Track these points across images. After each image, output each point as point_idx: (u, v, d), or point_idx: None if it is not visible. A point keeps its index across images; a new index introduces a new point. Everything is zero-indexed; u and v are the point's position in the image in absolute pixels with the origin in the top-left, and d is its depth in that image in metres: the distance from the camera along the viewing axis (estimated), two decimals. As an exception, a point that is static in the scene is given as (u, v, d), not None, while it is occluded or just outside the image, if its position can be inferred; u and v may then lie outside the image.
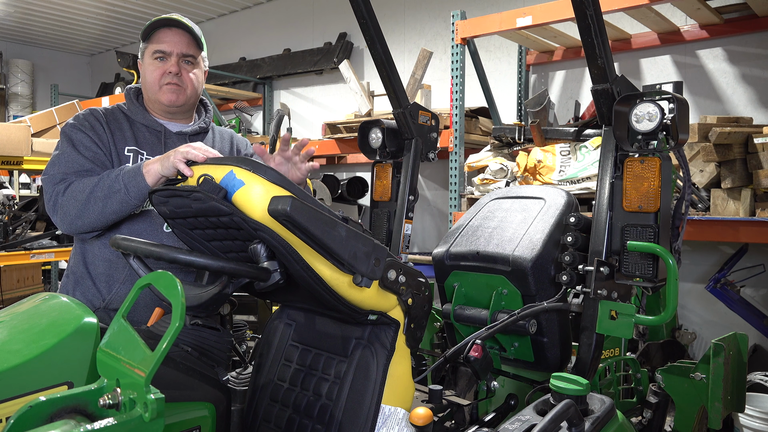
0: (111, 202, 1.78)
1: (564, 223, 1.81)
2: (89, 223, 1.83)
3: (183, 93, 2.00)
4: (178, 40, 1.97)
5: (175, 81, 1.98)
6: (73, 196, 1.82)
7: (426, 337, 2.36)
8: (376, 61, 2.10)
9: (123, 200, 1.78)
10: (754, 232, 2.74)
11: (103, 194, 1.79)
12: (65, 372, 1.26)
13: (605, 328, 1.65)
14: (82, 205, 1.80)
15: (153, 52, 1.97)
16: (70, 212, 1.83)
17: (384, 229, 2.29)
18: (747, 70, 3.54)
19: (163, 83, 1.97)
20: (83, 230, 1.87)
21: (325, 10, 5.82)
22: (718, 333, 2.15)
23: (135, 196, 1.77)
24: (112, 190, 1.78)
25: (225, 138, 2.20)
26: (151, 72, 1.98)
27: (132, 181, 1.75)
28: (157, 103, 2.01)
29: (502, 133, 3.59)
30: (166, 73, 1.97)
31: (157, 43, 1.97)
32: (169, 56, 1.97)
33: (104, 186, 1.79)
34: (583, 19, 1.60)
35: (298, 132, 5.86)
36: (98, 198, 1.79)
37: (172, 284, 1.04)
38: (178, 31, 1.98)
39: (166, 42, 1.96)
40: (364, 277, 1.39)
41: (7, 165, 4.37)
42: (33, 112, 7.48)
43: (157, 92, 1.98)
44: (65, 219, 1.85)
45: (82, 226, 1.84)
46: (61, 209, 1.84)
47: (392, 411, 1.52)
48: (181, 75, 1.98)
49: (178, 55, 1.98)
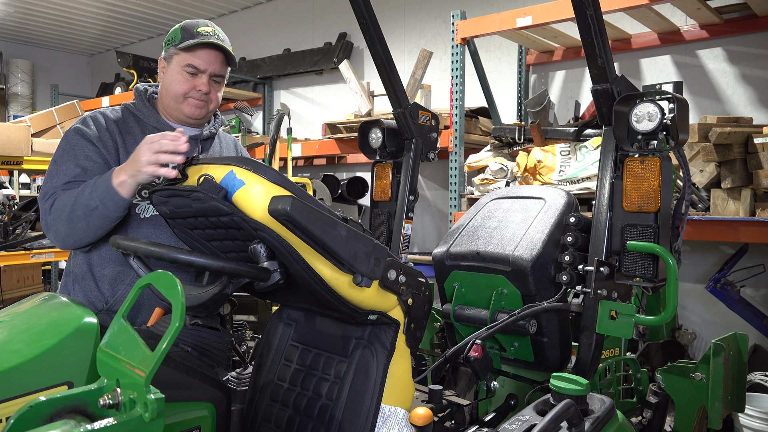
0: (93, 219, 1.75)
1: (564, 223, 1.81)
2: (81, 239, 1.80)
3: (206, 108, 2.01)
4: (214, 59, 1.95)
5: (203, 99, 1.97)
6: (57, 216, 1.79)
7: (426, 337, 2.36)
8: (376, 61, 2.10)
9: (103, 215, 1.74)
10: (754, 232, 2.74)
11: (83, 213, 1.75)
12: (65, 372, 1.26)
13: (605, 328, 1.65)
14: (68, 224, 1.78)
15: (186, 64, 1.93)
16: (60, 231, 1.80)
17: (384, 229, 2.29)
18: (747, 70, 3.54)
19: (190, 97, 1.96)
20: (79, 246, 1.85)
21: (325, 10, 5.82)
22: (718, 333, 2.15)
23: (114, 210, 1.73)
24: (89, 208, 1.74)
25: (230, 144, 2.21)
26: (179, 83, 1.94)
27: (106, 197, 1.71)
28: (177, 111, 1.99)
29: (502, 133, 3.59)
30: (195, 89, 1.95)
31: (192, 57, 1.92)
32: (201, 73, 1.94)
33: (81, 204, 1.75)
34: (583, 19, 1.60)
35: (298, 132, 5.86)
36: (79, 217, 1.76)
37: (172, 284, 1.04)
38: (215, 51, 1.95)
39: (202, 59, 1.93)
40: (364, 277, 1.39)
41: (7, 165, 4.37)
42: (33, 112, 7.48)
43: (181, 103, 1.97)
44: (57, 238, 1.83)
45: (75, 243, 1.82)
46: (52, 228, 1.82)
47: (392, 411, 1.52)
48: (210, 93, 1.98)
49: (210, 75, 1.96)
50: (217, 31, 1.97)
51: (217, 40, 1.93)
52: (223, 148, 2.15)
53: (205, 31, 1.93)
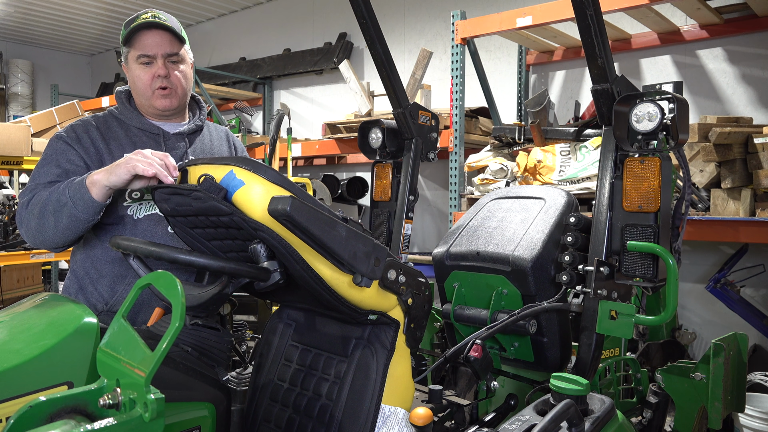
0: (61, 217, 1.72)
1: (564, 223, 1.81)
2: (48, 238, 1.78)
3: (175, 96, 1.99)
4: (160, 40, 1.94)
5: (166, 84, 1.96)
6: (31, 210, 1.78)
7: (426, 337, 2.36)
8: (376, 61, 2.10)
9: (71, 214, 1.71)
10: (754, 232, 2.74)
11: (53, 208, 1.72)
12: (65, 372, 1.26)
13: (605, 328, 1.65)
14: (38, 220, 1.75)
15: (138, 56, 1.94)
16: (30, 226, 1.78)
17: (384, 229, 2.29)
18: (747, 70, 3.54)
19: (155, 88, 1.95)
20: (46, 245, 1.82)
21: (325, 10, 5.82)
22: (718, 333, 2.15)
23: (82, 210, 1.70)
24: (60, 204, 1.71)
25: (221, 136, 2.19)
26: (139, 77, 1.95)
27: (77, 194, 1.69)
28: (151, 107, 2.00)
29: (502, 133, 3.59)
30: (155, 77, 1.94)
31: (140, 47, 1.93)
32: (154, 59, 1.94)
33: (54, 200, 1.73)
34: (583, 19, 1.60)
35: (298, 132, 5.86)
36: (50, 212, 1.73)
37: (172, 284, 1.04)
38: (158, 32, 1.94)
39: (148, 44, 1.93)
40: (364, 276, 1.39)
41: (7, 165, 4.38)
42: (33, 112, 7.48)
43: (150, 97, 1.97)
44: (28, 233, 1.81)
45: (43, 241, 1.79)
46: (24, 223, 1.81)
47: (392, 411, 1.52)
48: (170, 76, 1.97)
49: (164, 57, 1.95)
50: (158, 13, 1.96)
51: (151, 20, 1.92)
52: (213, 140, 2.14)
53: (144, 17, 1.94)
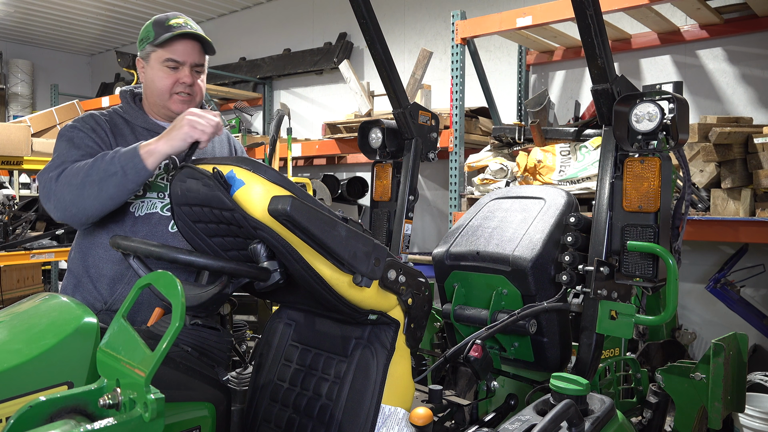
0: (106, 187, 1.70)
1: (564, 223, 1.81)
2: (85, 209, 1.74)
3: (193, 103, 2.00)
4: (191, 49, 1.95)
5: (188, 91, 1.97)
6: (67, 182, 1.74)
7: (426, 337, 2.36)
8: (376, 61, 2.10)
9: (119, 184, 1.70)
10: (754, 232, 2.74)
11: (99, 178, 1.70)
12: (65, 372, 1.26)
13: (605, 328, 1.65)
14: (77, 190, 1.72)
15: (165, 59, 1.93)
16: (64, 198, 1.74)
17: (384, 229, 2.29)
18: (747, 70, 3.54)
19: (175, 92, 1.96)
20: (79, 218, 1.78)
21: (325, 10, 5.82)
22: (718, 333, 2.15)
23: (133, 180, 1.70)
24: (107, 173, 1.69)
25: (222, 138, 2.20)
26: (161, 79, 1.94)
27: (129, 164, 1.69)
28: (164, 108, 1.99)
29: (502, 133, 3.59)
30: (178, 83, 1.95)
31: (170, 52, 1.93)
32: (182, 66, 1.94)
33: (99, 169, 1.71)
34: (583, 19, 1.60)
35: (298, 132, 5.85)
36: (93, 182, 1.71)
37: (172, 284, 1.04)
38: (191, 41, 1.95)
39: (179, 51, 1.93)
40: (364, 276, 1.39)
41: (7, 165, 4.37)
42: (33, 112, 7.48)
43: (167, 100, 1.97)
44: (59, 206, 1.76)
45: (77, 213, 1.76)
46: (54, 196, 1.75)
47: (392, 411, 1.52)
48: (194, 84, 1.98)
49: (191, 65, 1.96)
50: (189, 21, 1.97)
51: (192, 30, 1.93)
52: (215, 141, 2.15)
53: (177, 23, 1.94)
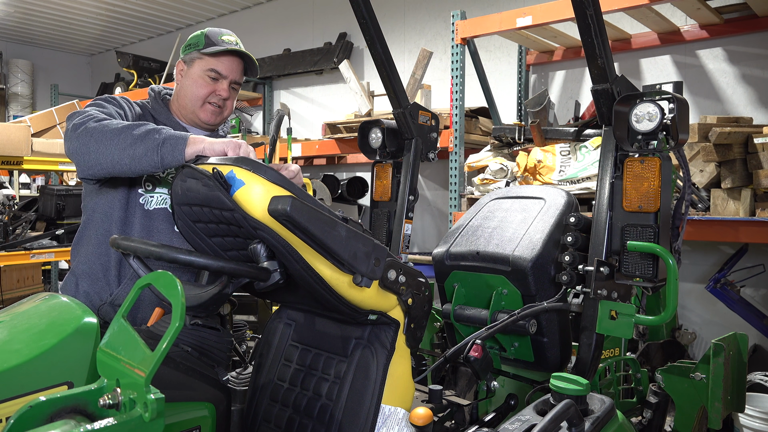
0: (138, 147, 1.63)
1: (564, 223, 1.81)
2: (100, 159, 1.67)
3: (221, 116, 2.04)
4: (236, 67, 2.00)
5: (220, 104, 2.00)
6: (106, 124, 1.68)
7: (426, 337, 2.36)
8: (376, 61, 2.10)
9: (148, 149, 1.62)
10: (754, 232, 2.74)
11: (139, 134, 1.64)
12: (65, 372, 1.26)
13: (605, 328, 1.65)
14: (108, 139, 1.65)
15: (209, 69, 1.96)
16: (92, 140, 1.67)
17: (384, 229, 2.29)
18: (747, 70, 3.54)
19: (209, 101, 1.99)
20: (92, 170, 1.71)
21: (325, 10, 5.82)
22: (718, 333, 2.15)
23: (169, 153, 1.62)
24: (147, 135, 1.63)
25: None
26: (200, 86, 1.96)
27: (172, 138, 1.63)
28: (192, 114, 2.01)
29: (502, 133, 3.59)
30: (215, 94, 1.98)
31: (215, 63, 1.96)
32: (223, 79, 1.98)
33: (142, 129, 1.65)
34: (583, 19, 1.60)
35: (298, 132, 5.85)
36: (130, 136, 1.64)
37: (172, 284, 1.04)
38: (237, 59, 1.99)
39: (225, 66, 1.97)
40: (364, 277, 1.39)
41: (7, 165, 4.37)
42: (33, 112, 7.48)
43: (198, 108, 1.99)
44: (81, 150, 1.69)
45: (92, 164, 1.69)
46: (84, 134, 1.68)
47: (392, 411, 1.52)
48: (228, 99, 2.01)
49: (231, 81, 1.99)
50: (239, 41, 2.03)
51: (241, 49, 1.99)
52: None
53: (229, 39, 1.99)
